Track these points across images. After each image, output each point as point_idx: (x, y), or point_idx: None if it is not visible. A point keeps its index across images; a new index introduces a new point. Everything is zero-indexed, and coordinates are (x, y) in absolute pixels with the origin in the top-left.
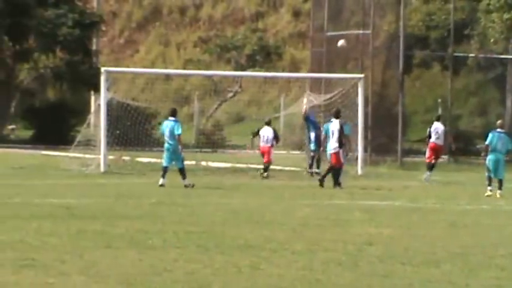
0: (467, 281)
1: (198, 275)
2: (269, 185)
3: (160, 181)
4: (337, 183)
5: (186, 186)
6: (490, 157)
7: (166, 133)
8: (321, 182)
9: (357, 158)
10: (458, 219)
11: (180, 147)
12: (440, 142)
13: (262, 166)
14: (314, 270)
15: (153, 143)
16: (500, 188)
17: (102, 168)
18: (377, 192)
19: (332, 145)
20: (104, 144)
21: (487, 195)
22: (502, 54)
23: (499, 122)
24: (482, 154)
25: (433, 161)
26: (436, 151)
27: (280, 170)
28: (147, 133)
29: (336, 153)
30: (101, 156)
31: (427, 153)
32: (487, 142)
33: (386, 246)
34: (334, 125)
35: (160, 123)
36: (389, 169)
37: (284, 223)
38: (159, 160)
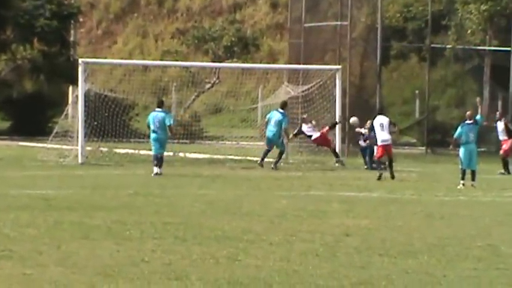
0: (445, 272)
1: (176, 265)
2: (246, 176)
3: (155, 170)
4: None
5: (156, 174)
6: (462, 149)
7: (156, 123)
8: (392, 175)
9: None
10: (436, 211)
11: (168, 137)
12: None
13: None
14: (291, 261)
15: (130, 134)
16: (473, 179)
17: (79, 160)
18: (355, 183)
19: (384, 136)
20: (81, 135)
21: (459, 188)
22: (479, 45)
23: (468, 113)
24: (450, 147)
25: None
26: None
27: (257, 161)
28: (125, 124)
29: (390, 145)
30: (79, 148)
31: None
32: (455, 135)
33: (363, 238)
34: (383, 119)
35: (137, 114)
36: None
37: (262, 214)
38: (136, 151)
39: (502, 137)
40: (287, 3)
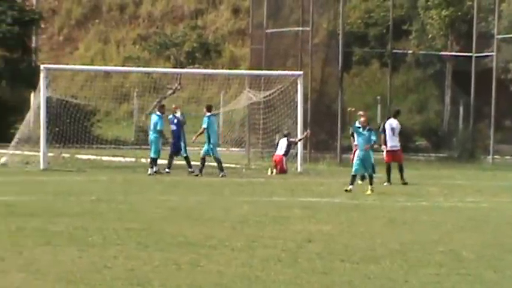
0: (407, 277)
1: (138, 272)
2: (209, 182)
3: (149, 171)
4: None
5: (150, 174)
6: (361, 154)
7: (151, 126)
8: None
9: (296, 155)
10: (398, 216)
11: (161, 140)
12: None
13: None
14: (254, 267)
15: (92, 140)
16: (371, 183)
17: (41, 166)
18: (317, 189)
19: (394, 142)
20: (43, 141)
21: (348, 190)
22: (441, 50)
23: (362, 119)
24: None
25: None
26: None
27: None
28: (87, 130)
29: (399, 151)
30: (41, 154)
31: None
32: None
33: (325, 243)
34: (394, 122)
35: (99, 120)
36: (329, 166)
37: (224, 220)
38: (98, 157)
39: None
40: (249, 9)
